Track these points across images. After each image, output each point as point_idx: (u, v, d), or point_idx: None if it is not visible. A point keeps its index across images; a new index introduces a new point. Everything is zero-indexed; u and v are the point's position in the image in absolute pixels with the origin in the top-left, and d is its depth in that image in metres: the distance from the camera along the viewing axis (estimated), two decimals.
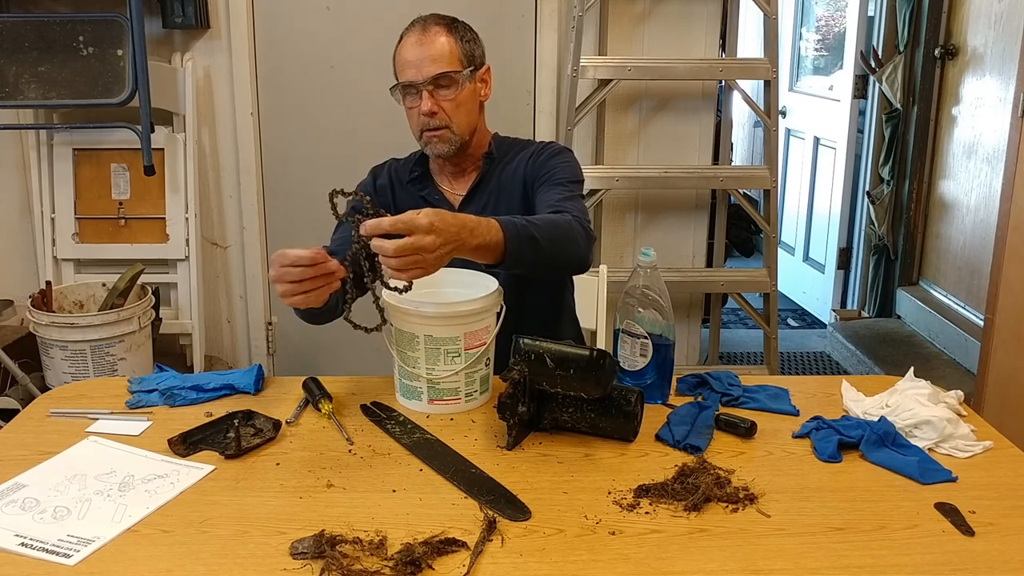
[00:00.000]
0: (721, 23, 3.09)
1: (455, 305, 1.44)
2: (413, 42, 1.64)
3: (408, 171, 1.80)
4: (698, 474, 1.24)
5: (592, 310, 1.95)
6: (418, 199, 1.76)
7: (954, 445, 1.35)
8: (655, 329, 1.47)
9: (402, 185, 1.80)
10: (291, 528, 1.13)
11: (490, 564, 1.06)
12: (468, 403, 1.48)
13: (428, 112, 1.63)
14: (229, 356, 3.32)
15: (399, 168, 1.83)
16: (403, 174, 1.81)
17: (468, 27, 1.71)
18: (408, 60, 1.64)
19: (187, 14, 2.89)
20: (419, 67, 1.62)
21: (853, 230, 4.29)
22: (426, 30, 1.64)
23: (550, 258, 1.43)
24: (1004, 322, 2.59)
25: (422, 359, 1.44)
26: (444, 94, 1.64)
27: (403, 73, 1.66)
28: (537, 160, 1.73)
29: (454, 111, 1.65)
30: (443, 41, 1.64)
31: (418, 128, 1.68)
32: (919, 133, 3.87)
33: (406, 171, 1.80)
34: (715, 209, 3.32)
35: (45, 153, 3.01)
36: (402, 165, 1.83)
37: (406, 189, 1.80)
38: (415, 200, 1.76)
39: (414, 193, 1.78)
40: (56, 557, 1.07)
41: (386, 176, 1.82)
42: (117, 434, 1.39)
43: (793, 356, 4.06)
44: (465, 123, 1.68)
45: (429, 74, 1.62)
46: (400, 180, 1.80)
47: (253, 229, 3.17)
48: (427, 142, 1.69)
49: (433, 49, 1.62)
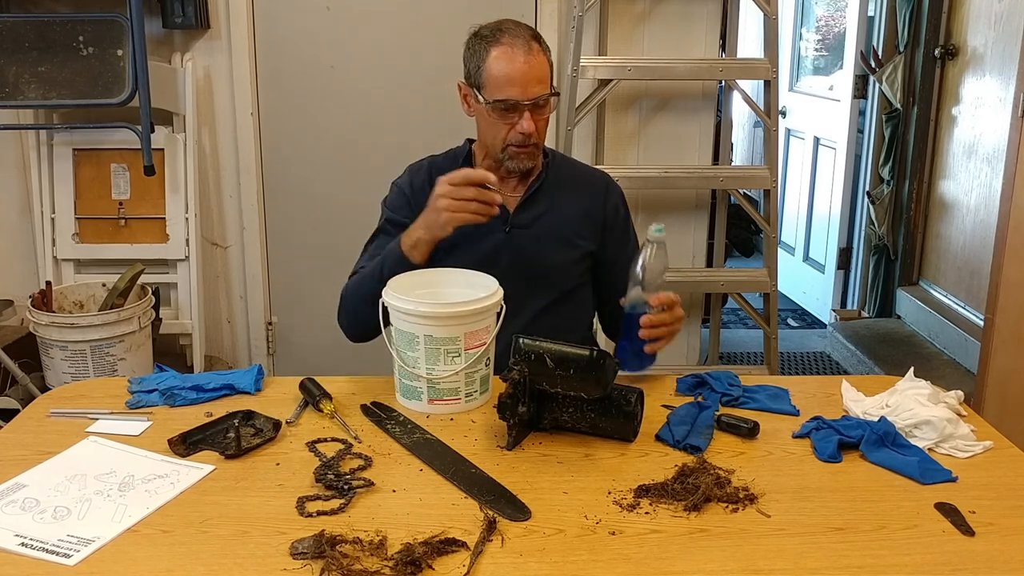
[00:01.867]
0: (721, 23, 3.09)
1: (455, 305, 1.44)
2: (520, 60, 1.62)
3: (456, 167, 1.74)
4: (698, 474, 1.24)
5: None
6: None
7: (954, 445, 1.35)
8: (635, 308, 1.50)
9: None
10: (291, 528, 1.13)
11: (490, 564, 1.06)
12: (468, 403, 1.48)
13: (529, 132, 1.64)
14: (229, 356, 3.32)
15: (441, 166, 1.78)
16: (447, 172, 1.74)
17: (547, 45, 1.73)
18: (512, 77, 1.62)
19: (187, 14, 2.89)
20: (525, 87, 1.62)
21: (853, 230, 4.29)
22: (530, 48, 1.63)
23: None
24: (1004, 322, 2.59)
25: (422, 359, 1.44)
26: (541, 114, 1.66)
27: (504, 89, 1.63)
28: (608, 205, 1.80)
29: (543, 129, 1.69)
30: (543, 60, 1.65)
31: (505, 142, 1.68)
32: (919, 133, 3.87)
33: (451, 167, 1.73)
34: (715, 209, 3.32)
35: (45, 153, 3.01)
36: (443, 163, 1.80)
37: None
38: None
39: None
40: (56, 557, 1.07)
41: (424, 176, 1.79)
42: (117, 434, 1.39)
43: (793, 356, 4.06)
44: (545, 138, 1.73)
45: (534, 95, 1.63)
46: None
47: (253, 229, 3.17)
48: (512, 156, 1.69)
49: (538, 69, 1.63)
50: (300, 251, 3.23)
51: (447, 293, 1.55)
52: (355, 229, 1.96)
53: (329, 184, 3.16)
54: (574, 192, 1.79)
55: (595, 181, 1.84)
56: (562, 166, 1.83)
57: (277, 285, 3.27)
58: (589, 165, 1.96)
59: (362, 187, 1.79)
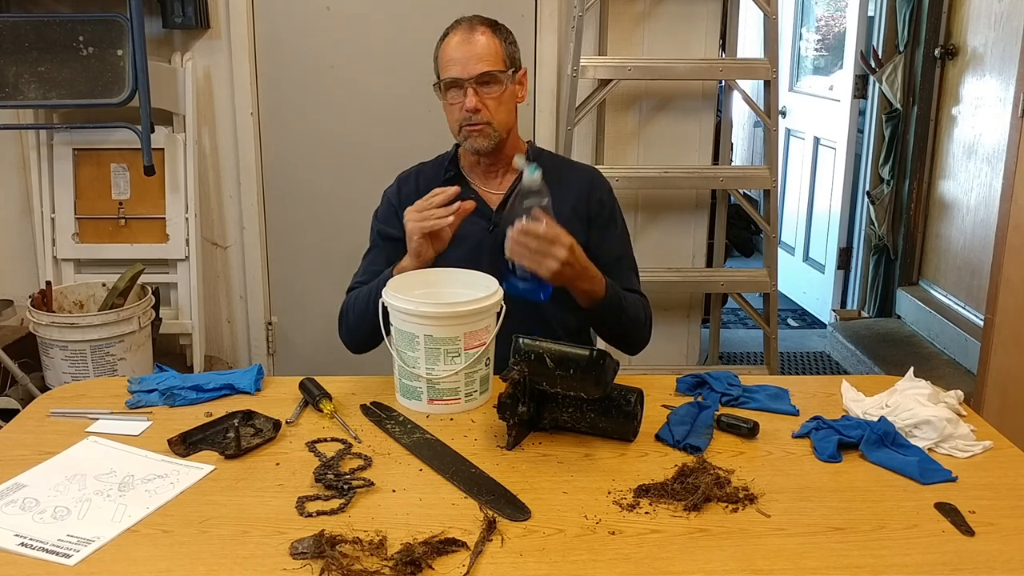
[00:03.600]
0: (721, 23, 3.09)
1: (455, 305, 1.44)
2: (459, 40, 1.69)
3: (442, 172, 1.81)
4: (698, 474, 1.24)
5: None
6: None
7: (954, 445, 1.35)
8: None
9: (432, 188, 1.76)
10: (291, 528, 1.13)
11: (490, 564, 1.06)
12: (468, 403, 1.48)
13: (472, 109, 1.67)
14: (229, 356, 3.32)
15: (428, 173, 1.84)
16: (434, 178, 1.81)
17: (509, 31, 1.76)
18: (454, 57, 1.68)
19: (187, 14, 2.89)
20: (465, 64, 1.67)
21: (853, 230, 4.30)
22: (472, 29, 1.69)
23: (622, 331, 1.73)
24: (1004, 322, 2.59)
25: (422, 359, 1.44)
26: (488, 91, 1.69)
27: (447, 70, 1.69)
28: (592, 198, 1.79)
29: (496, 109, 1.70)
30: (488, 41, 1.69)
31: (458, 123, 1.72)
32: (919, 133, 3.87)
33: (437, 174, 1.81)
34: (715, 209, 3.32)
35: (45, 153, 3.01)
36: (431, 168, 1.84)
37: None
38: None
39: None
40: (56, 557, 1.07)
41: (412, 184, 1.83)
42: (117, 434, 1.40)
43: (793, 356, 4.06)
44: (505, 121, 1.73)
45: (475, 72, 1.67)
46: (430, 186, 1.77)
47: (253, 229, 3.17)
48: (467, 136, 1.72)
49: (479, 48, 1.68)
50: (300, 251, 3.23)
51: (447, 293, 1.55)
52: (355, 229, 1.96)
53: (329, 184, 3.16)
54: (558, 188, 1.73)
55: (580, 176, 1.85)
56: (547, 163, 1.79)
57: (277, 285, 3.27)
58: (577, 161, 1.96)
59: (362, 187, 1.79)
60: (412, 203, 1.75)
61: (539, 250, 1.48)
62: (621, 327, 1.73)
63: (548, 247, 1.48)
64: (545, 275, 1.50)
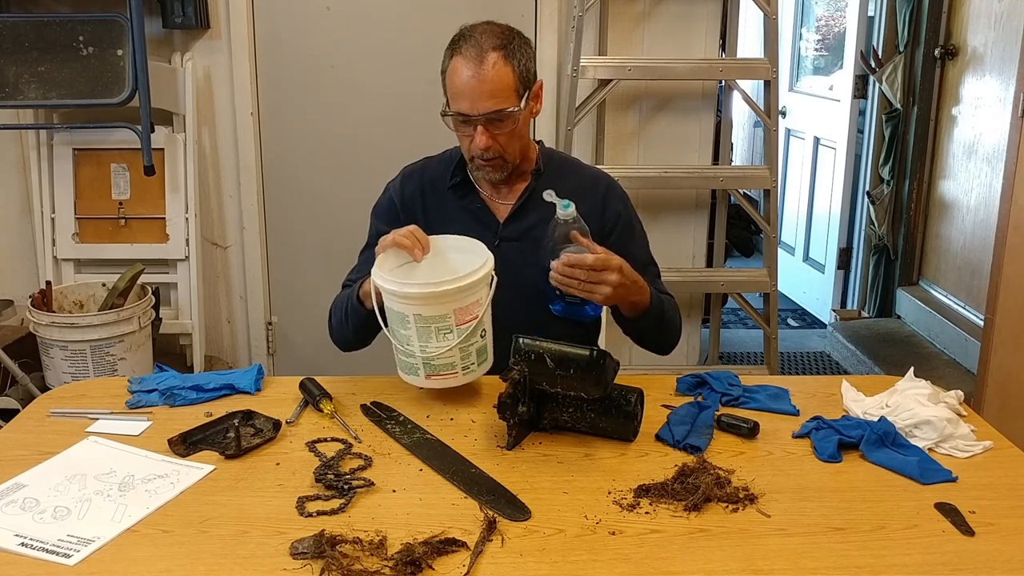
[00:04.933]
0: (721, 23, 3.09)
1: (441, 284, 1.39)
2: (469, 73, 1.53)
3: (448, 176, 1.72)
4: (698, 474, 1.24)
5: None
6: (459, 209, 1.70)
7: (954, 445, 1.35)
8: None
9: (437, 192, 1.73)
10: (291, 528, 1.13)
11: (490, 564, 1.06)
12: (466, 375, 1.47)
13: (483, 147, 1.58)
14: (229, 356, 3.32)
15: (434, 172, 1.75)
16: (439, 180, 1.73)
17: (524, 41, 1.61)
18: (462, 91, 1.55)
19: (187, 14, 2.89)
20: (474, 101, 1.54)
21: (853, 230, 4.29)
22: (482, 59, 1.53)
23: (657, 335, 1.71)
24: (1004, 322, 2.59)
25: (414, 337, 1.43)
26: (499, 128, 1.58)
27: (456, 102, 1.57)
28: (608, 213, 1.71)
29: (508, 143, 1.60)
30: (501, 73, 1.54)
31: (469, 154, 1.63)
32: (919, 133, 3.87)
33: (443, 175, 1.73)
34: (715, 209, 3.32)
35: (45, 153, 3.01)
36: (437, 168, 1.75)
37: (443, 196, 1.72)
38: (455, 210, 1.70)
39: (454, 201, 1.71)
40: (56, 557, 1.07)
41: (416, 183, 1.75)
42: (117, 434, 1.39)
43: (793, 356, 4.06)
44: (518, 150, 1.64)
45: (485, 110, 1.54)
46: (435, 187, 1.73)
47: (253, 229, 3.17)
48: (478, 168, 1.65)
49: (489, 83, 1.53)
50: (300, 251, 3.23)
51: (440, 261, 1.51)
52: (355, 229, 1.95)
53: (329, 184, 3.16)
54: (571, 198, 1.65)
55: (594, 188, 1.74)
56: (560, 173, 1.73)
57: (277, 285, 3.27)
58: (592, 167, 1.85)
59: (362, 187, 1.78)
60: (415, 203, 1.72)
61: (589, 279, 1.45)
62: (663, 331, 1.69)
63: (598, 275, 1.45)
64: (601, 302, 1.50)
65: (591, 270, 1.45)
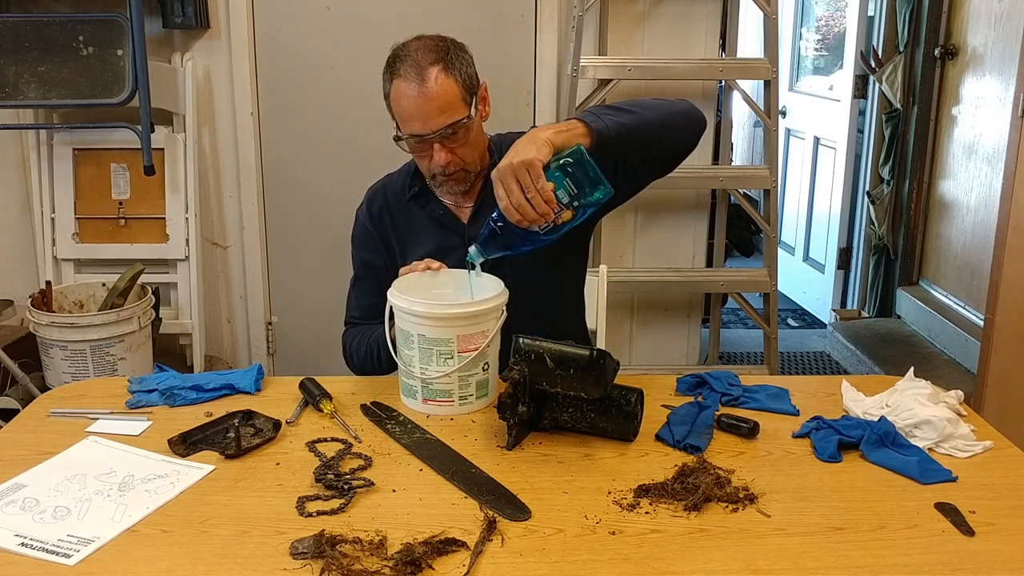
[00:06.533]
0: (721, 23, 3.09)
1: (447, 307, 1.42)
2: (414, 93, 1.51)
3: (406, 188, 1.72)
4: (698, 474, 1.24)
5: (592, 310, 1.95)
6: (423, 218, 1.70)
7: (954, 445, 1.35)
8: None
9: (400, 206, 1.73)
10: (291, 528, 1.13)
11: (490, 564, 1.06)
12: (462, 406, 1.47)
13: (443, 163, 1.57)
14: (229, 356, 3.32)
15: (395, 186, 1.75)
16: (401, 193, 1.73)
17: (459, 48, 1.59)
18: (411, 113, 1.53)
19: (187, 14, 2.89)
20: (425, 120, 1.52)
21: (853, 230, 4.30)
22: (423, 77, 1.51)
23: (657, 130, 1.50)
24: (1004, 322, 2.59)
25: (416, 358, 1.44)
26: (456, 139, 1.56)
27: (407, 125, 1.55)
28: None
29: (466, 152, 1.59)
30: (444, 86, 1.52)
31: (430, 173, 1.62)
32: (919, 133, 3.87)
33: (403, 188, 1.73)
34: (715, 209, 3.32)
35: (45, 153, 3.01)
36: (398, 181, 1.76)
37: (406, 209, 1.72)
38: (420, 219, 1.70)
39: (417, 212, 1.71)
40: (56, 557, 1.07)
41: (381, 201, 1.75)
42: (117, 434, 1.39)
43: (793, 356, 4.06)
44: (477, 156, 1.63)
45: (438, 126, 1.53)
46: (399, 201, 1.73)
47: (253, 229, 3.17)
48: (441, 183, 1.64)
49: (437, 99, 1.51)
50: (300, 251, 3.24)
51: (454, 295, 1.54)
52: None
53: (329, 184, 3.16)
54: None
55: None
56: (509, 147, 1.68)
57: (277, 285, 3.27)
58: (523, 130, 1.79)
59: (362, 187, 1.77)
60: (384, 220, 1.73)
61: (522, 185, 1.33)
62: (655, 123, 1.50)
63: (523, 176, 1.33)
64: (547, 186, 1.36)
65: (514, 178, 1.33)
